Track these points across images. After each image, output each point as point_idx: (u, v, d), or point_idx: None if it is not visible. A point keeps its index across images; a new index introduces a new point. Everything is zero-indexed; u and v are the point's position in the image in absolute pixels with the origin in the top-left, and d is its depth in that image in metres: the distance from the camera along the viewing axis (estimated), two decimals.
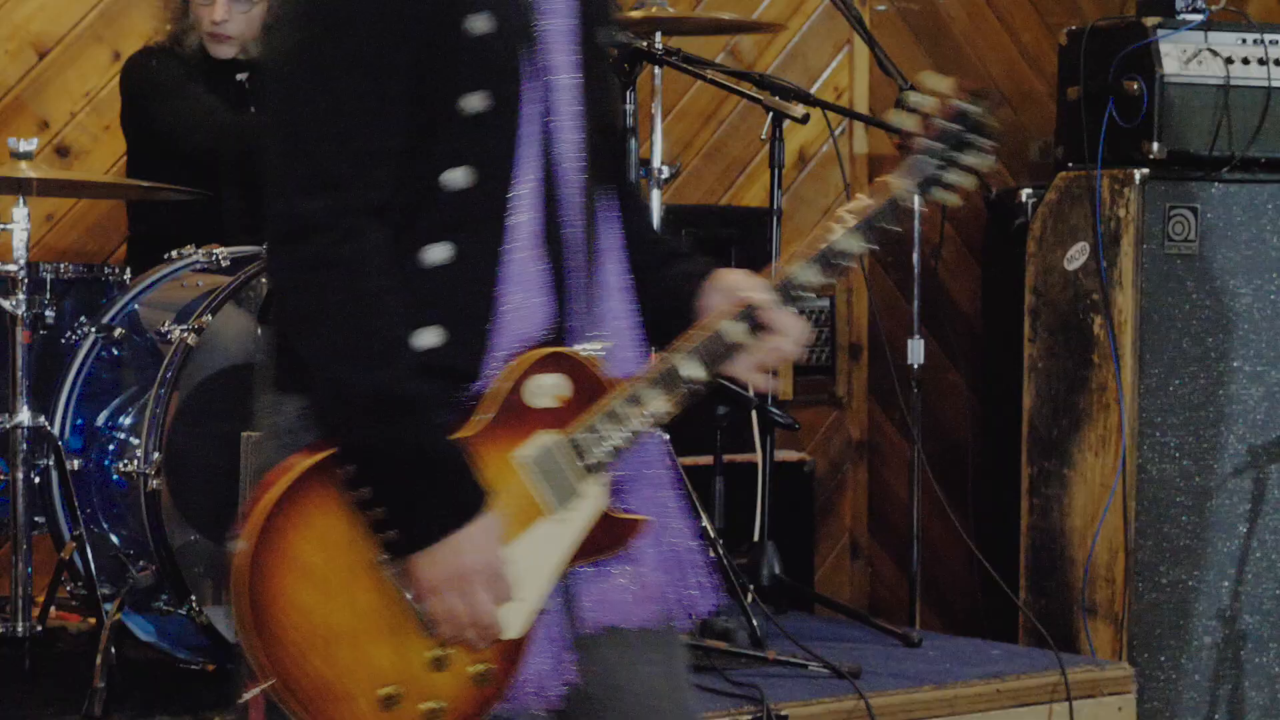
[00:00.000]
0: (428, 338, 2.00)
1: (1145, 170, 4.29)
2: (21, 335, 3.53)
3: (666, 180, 4.14)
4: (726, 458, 4.19)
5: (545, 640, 2.09)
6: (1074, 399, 4.37)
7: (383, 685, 2.02)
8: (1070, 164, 4.45)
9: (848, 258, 2.10)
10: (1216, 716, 4.31)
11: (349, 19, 1.97)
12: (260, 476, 2.02)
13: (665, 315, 2.14)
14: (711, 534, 3.96)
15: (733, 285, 2.11)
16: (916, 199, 2.11)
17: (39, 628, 3.52)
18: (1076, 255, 4.39)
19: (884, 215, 2.11)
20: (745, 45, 5.29)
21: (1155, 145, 4.29)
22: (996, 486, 4.88)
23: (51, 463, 3.53)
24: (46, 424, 3.53)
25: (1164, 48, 4.30)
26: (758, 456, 4.22)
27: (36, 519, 3.56)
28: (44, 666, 3.51)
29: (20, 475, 3.52)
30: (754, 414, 4.29)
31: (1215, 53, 4.33)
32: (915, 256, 4.37)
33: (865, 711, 3.47)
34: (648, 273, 2.18)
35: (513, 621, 2.06)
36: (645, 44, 3.85)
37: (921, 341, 4.33)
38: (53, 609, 3.59)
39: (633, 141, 3.76)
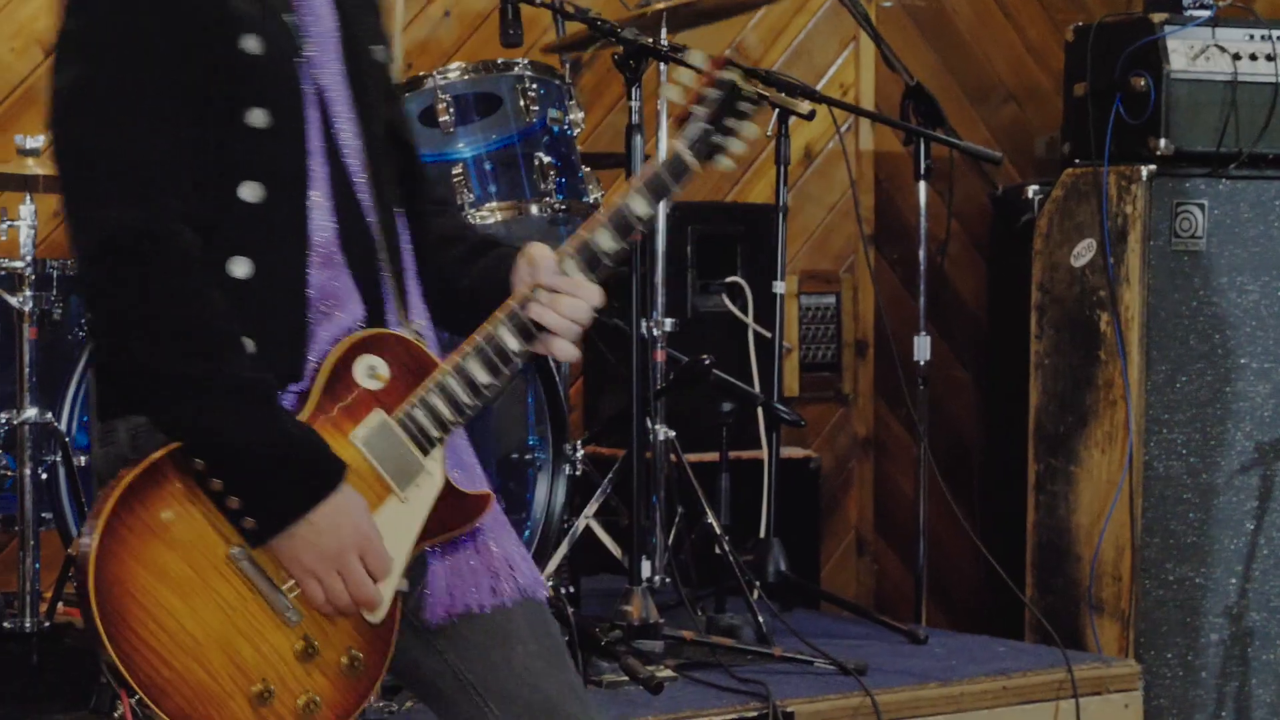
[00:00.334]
0: (245, 348, 2.05)
1: (1152, 167, 4.29)
2: (28, 331, 3.53)
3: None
4: (732, 454, 4.19)
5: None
6: (1080, 396, 4.37)
7: (253, 683, 2.02)
8: (1077, 160, 4.44)
9: (638, 220, 2.19)
10: (1223, 714, 4.31)
11: (130, 43, 2.03)
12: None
13: (486, 298, 2.19)
14: (718, 530, 3.97)
15: (538, 256, 2.19)
16: (691, 159, 2.22)
17: (46, 623, 3.52)
18: (1083, 252, 4.39)
19: (664, 176, 2.20)
20: (751, 41, 5.28)
21: (1162, 142, 4.28)
22: (1002, 483, 4.88)
23: (59, 459, 3.52)
24: (54, 420, 3.53)
25: (1171, 44, 4.29)
26: (763, 453, 4.22)
27: (44, 515, 3.56)
28: (51, 662, 3.51)
29: (28, 471, 3.52)
30: (760, 411, 4.29)
31: (1223, 49, 4.33)
32: (921, 253, 4.37)
33: (871, 708, 3.47)
34: (463, 265, 2.27)
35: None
36: (651, 40, 3.84)
37: (928, 338, 4.32)
38: (60, 604, 3.58)
39: (638, 138, 3.75)
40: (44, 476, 3.56)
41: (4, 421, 3.52)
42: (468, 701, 2.18)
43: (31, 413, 3.52)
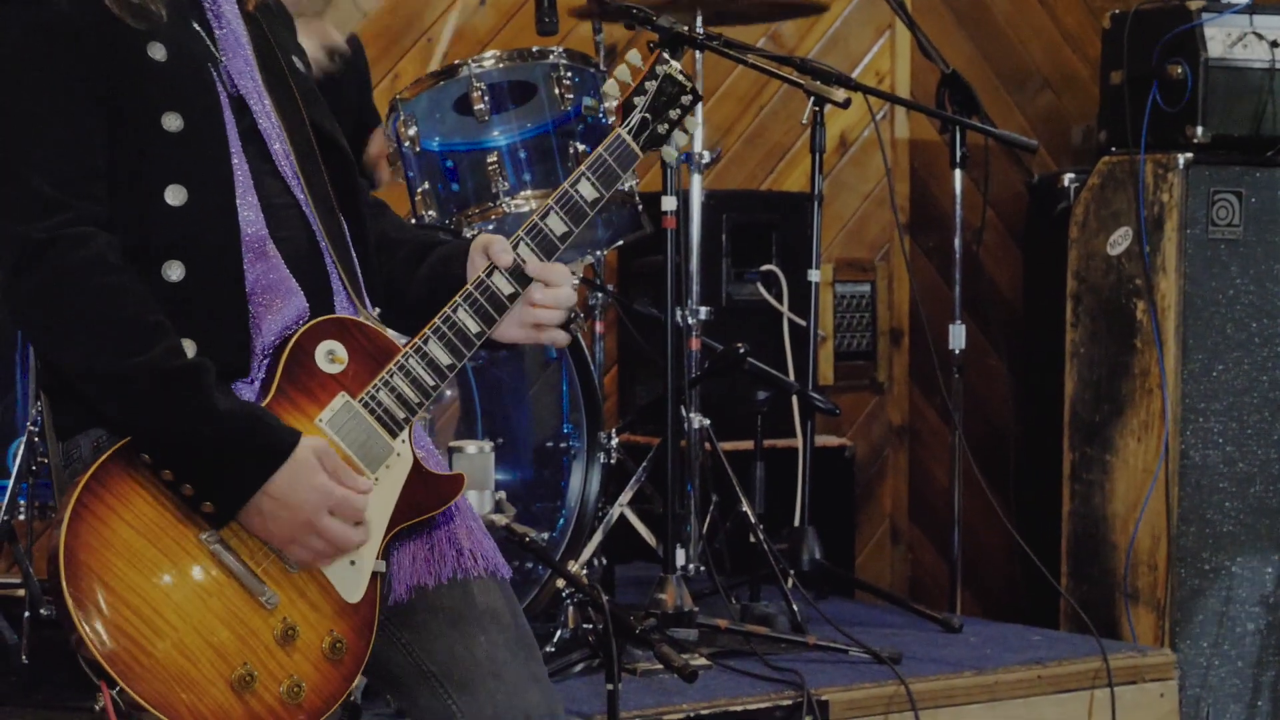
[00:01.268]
0: (185, 350, 2.08)
1: (1189, 154, 4.27)
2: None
3: (707, 165, 4.14)
4: (767, 443, 4.19)
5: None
6: (1116, 384, 4.35)
7: (234, 668, 2.02)
8: (1113, 148, 4.42)
9: (587, 205, 2.27)
10: (1260, 703, 4.29)
11: (33, 65, 2.07)
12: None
13: (439, 292, 2.24)
14: (752, 519, 3.97)
15: (490, 244, 2.25)
16: (633, 144, 2.32)
17: None
18: (1119, 240, 4.37)
19: (610, 163, 2.28)
20: (786, 30, 5.27)
21: (1199, 129, 4.26)
22: (1037, 472, 4.86)
23: None
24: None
25: (1209, 31, 4.26)
26: (798, 442, 4.22)
27: None
28: None
29: None
30: (795, 399, 4.29)
31: (1260, 36, 4.30)
32: (957, 241, 4.35)
33: (906, 697, 3.46)
34: (409, 268, 2.32)
35: (351, 588, 2.09)
36: (686, 29, 3.84)
37: (963, 327, 4.31)
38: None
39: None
40: None
41: (40, 409, 3.54)
42: (430, 693, 2.19)
43: None
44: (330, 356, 2.14)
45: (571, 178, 2.27)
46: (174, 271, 2.10)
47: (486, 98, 3.80)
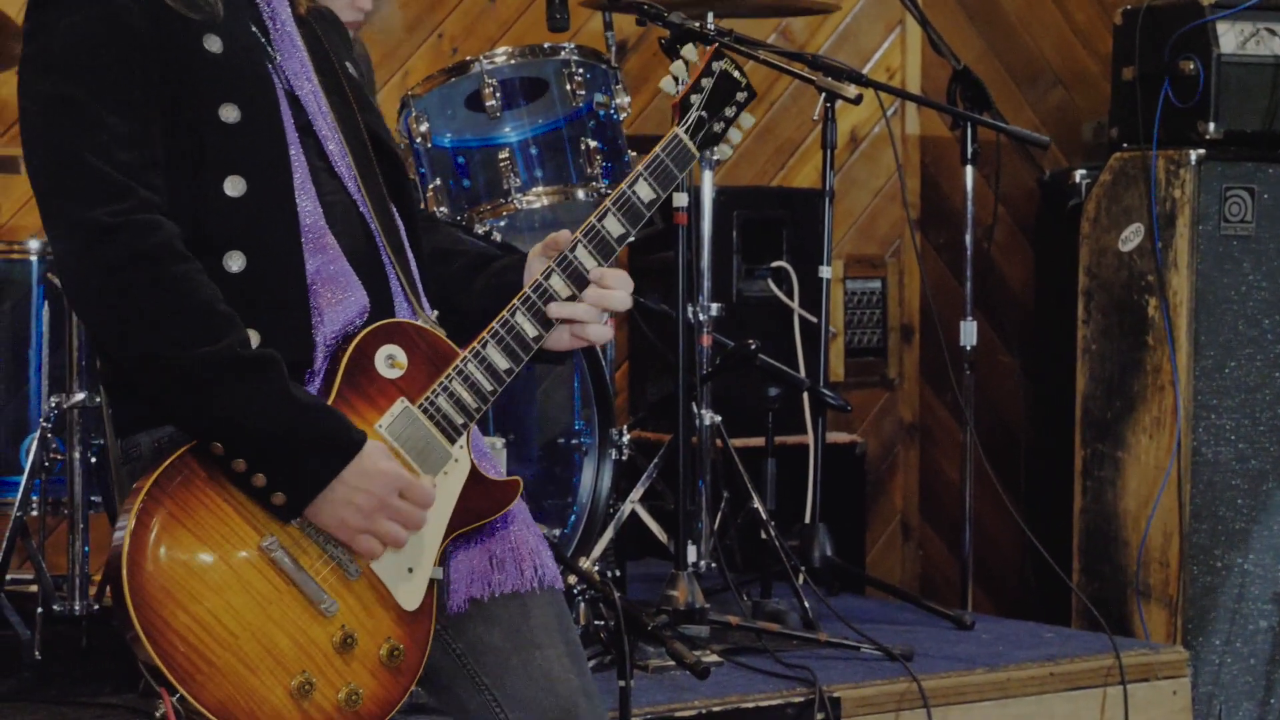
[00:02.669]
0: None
1: (1201, 151, 4.26)
2: (78, 316, 3.55)
3: (718, 162, 4.13)
4: (778, 439, 4.18)
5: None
6: (1128, 381, 4.34)
7: (293, 675, 2.01)
8: (1125, 145, 4.41)
9: (643, 204, 2.24)
10: (1272, 700, 4.28)
11: (92, 56, 2.07)
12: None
13: (497, 303, 2.22)
14: (763, 515, 3.97)
15: (557, 241, 2.23)
16: (690, 144, 2.29)
17: (96, 606, 3.55)
18: (1131, 237, 4.36)
19: (667, 163, 2.26)
20: (797, 26, 5.27)
21: (1211, 125, 4.25)
22: (1048, 469, 4.86)
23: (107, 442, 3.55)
24: (103, 403, 3.55)
25: (1221, 27, 4.26)
26: (809, 438, 4.21)
27: (93, 498, 3.59)
28: (100, 644, 3.54)
29: (77, 454, 3.54)
30: (805, 396, 4.28)
31: (1273, 31, 4.29)
32: (968, 238, 4.34)
33: (918, 694, 3.46)
34: (465, 279, 2.32)
35: (409, 596, 2.09)
36: (698, 24, 3.83)
37: (975, 323, 4.30)
38: (109, 587, 3.60)
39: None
40: (93, 460, 3.58)
41: (54, 405, 3.55)
42: (482, 705, 2.19)
43: (81, 396, 3.54)
44: (390, 361, 2.12)
45: (629, 178, 2.24)
46: (235, 262, 2.09)
47: (498, 94, 3.80)
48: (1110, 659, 3.71)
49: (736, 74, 2.32)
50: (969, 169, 4.31)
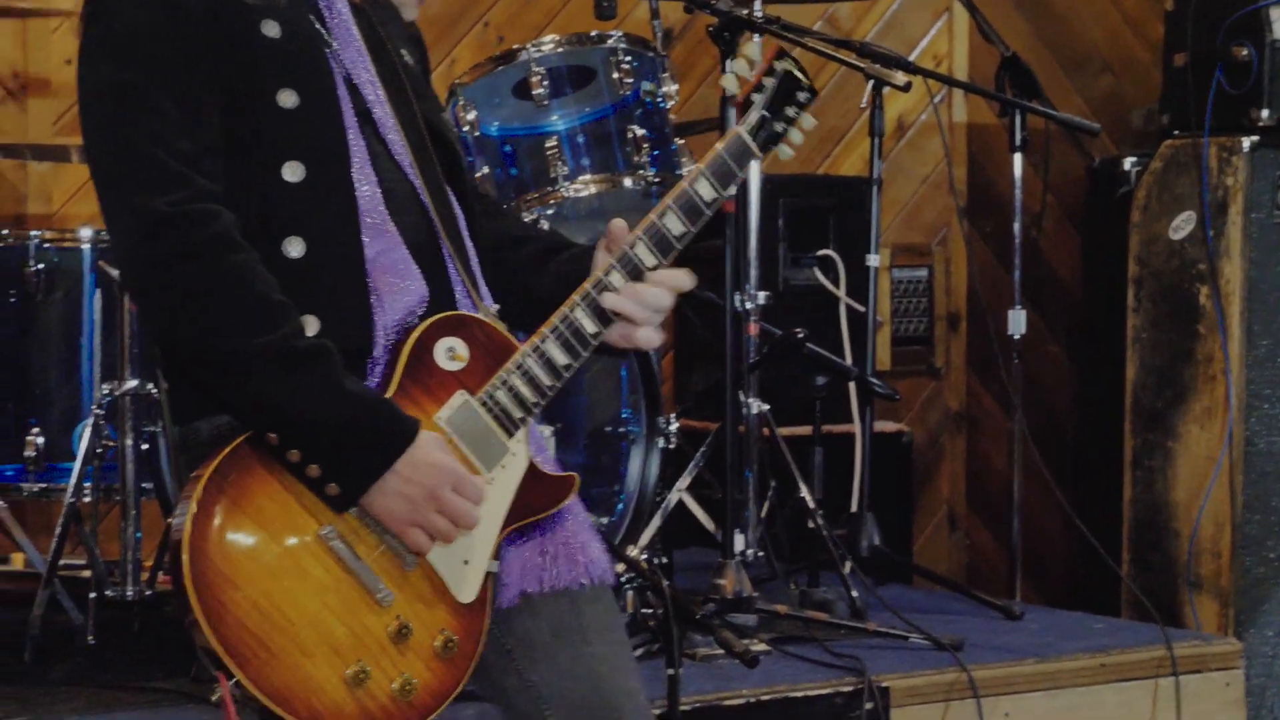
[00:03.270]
0: (307, 328, 2.06)
1: (1254, 138, 4.22)
2: (129, 303, 3.57)
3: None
4: (825, 428, 4.17)
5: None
6: (1179, 371, 4.31)
7: (348, 664, 2.01)
8: (1176, 132, 4.38)
9: (705, 204, 2.21)
10: None
11: (150, 42, 2.07)
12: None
13: (567, 290, 2.19)
14: (810, 504, 3.96)
15: (617, 232, 2.21)
16: (752, 143, 2.26)
17: (148, 591, 3.58)
18: (1182, 224, 4.33)
19: (729, 162, 2.24)
20: (843, 13, 5.25)
21: (1264, 112, 4.22)
22: (1097, 459, 4.84)
23: (159, 429, 3.56)
24: (154, 391, 3.57)
25: (1274, 12, 4.22)
26: (856, 427, 4.20)
27: (144, 485, 3.61)
28: (152, 629, 3.56)
29: (129, 441, 3.57)
30: (853, 384, 4.27)
31: None
32: (1016, 226, 4.32)
33: (967, 684, 3.45)
34: (535, 265, 2.30)
35: (465, 587, 2.08)
36: (745, 12, 3.82)
37: (1023, 312, 4.28)
38: (160, 573, 3.63)
39: (733, 111, 3.73)
40: (144, 447, 3.60)
41: (106, 392, 3.57)
42: (528, 700, 2.18)
43: (133, 384, 3.56)
44: (450, 354, 2.12)
45: (689, 176, 2.23)
46: (294, 248, 2.09)
47: (545, 82, 3.79)
48: (1161, 650, 3.69)
49: (799, 74, 2.31)
50: (1017, 157, 4.29)
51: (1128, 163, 4.87)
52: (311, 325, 2.07)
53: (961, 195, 5.31)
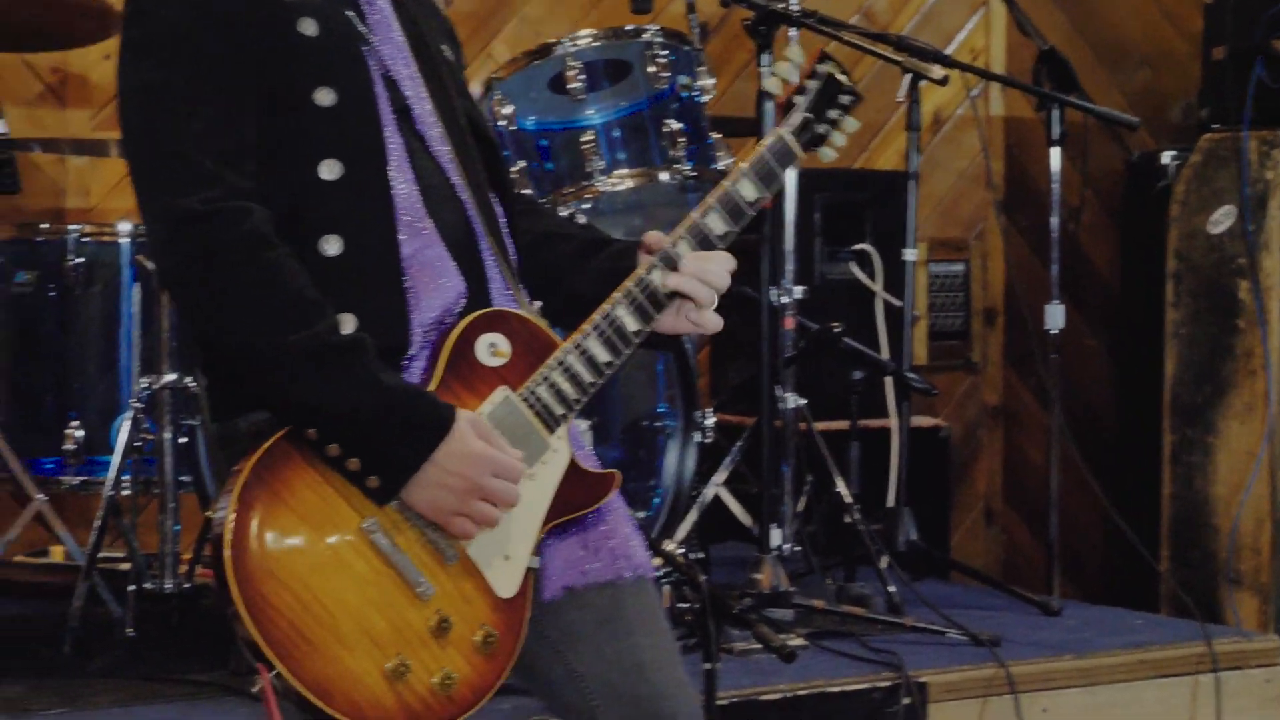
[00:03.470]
0: (344, 325, 2.06)
1: None
2: (168, 297, 3.58)
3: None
4: (862, 423, 4.16)
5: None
6: (1218, 365, 4.29)
7: (388, 657, 2.01)
8: (1215, 125, 4.36)
9: (747, 204, 2.23)
10: None
11: (188, 41, 2.07)
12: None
13: (610, 288, 2.20)
14: (847, 499, 3.95)
15: (656, 240, 2.22)
16: (794, 144, 2.29)
17: (186, 584, 3.59)
18: (1222, 219, 4.31)
19: (771, 162, 2.25)
20: (879, 7, 5.23)
21: None
22: (1134, 454, 4.81)
23: (198, 422, 3.58)
24: (192, 384, 3.58)
25: None
26: (892, 422, 4.19)
27: (183, 478, 3.62)
28: (190, 622, 3.58)
29: (167, 435, 3.58)
30: (889, 379, 4.26)
31: None
32: (1053, 220, 4.30)
33: (1005, 680, 3.43)
34: (576, 262, 2.30)
35: (505, 582, 2.08)
36: (782, 5, 3.82)
37: (1061, 306, 4.26)
38: (199, 566, 3.65)
39: (769, 104, 3.73)
40: (183, 440, 3.61)
41: (145, 386, 3.58)
42: (575, 693, 2.18)
43: (171, 377, 3.58)
44: (492, 349, 2.12)
45: (731, 176, 2.23)
46: (331, 246, 2.10)
47: (581, 76, 3.79)
48: (1201, 647, 3.67)
49: (842, 77, 2.33)
50: (1055, 151, 4.27)
51: (1166, 157, 4.85)
52: (348, 323, 2.07)
53: (999, 189, 5.29)
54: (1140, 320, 4.80)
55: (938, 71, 3.90)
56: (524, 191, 3.58)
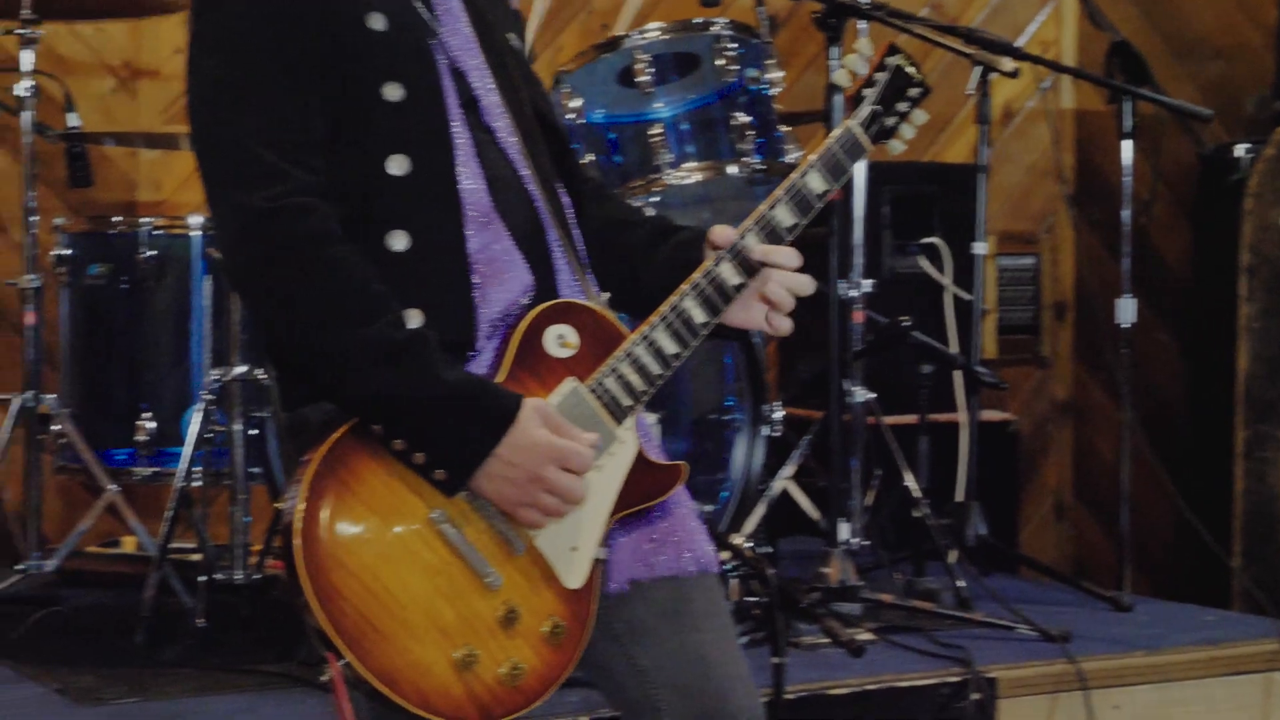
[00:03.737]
0: (410, 320, 2.06)
1: None
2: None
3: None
4: (930, 417, 4.14)
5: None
6: None
7: (456, 647, 2.01)
8: None
9: (816, 197, 2.22)
10: None
11: (256, 35, 2.08)
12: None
13: (678, 275, 2.19)
14: (916, 493, 3.93)
15: (723, 235, 2.20)
16: (863, 136, 2.28)
17: (256, 575, 3.61)
18: None
19: (840, 155, 2.25)
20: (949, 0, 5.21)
21: None
22: (1206, 449, 4.77)
23: (268, 414, 3.60)
24: (263, 376, 3.61)
25: None
26: (961, 416, 4.17)
27: (253, 469, 3.65)
28: (261, 612, 3.60)
29: (238, 426, 3.61)
30: (958, 373, 4.24)
31: None
32: (1125, 214, 4.27)
33: (1075, 676, 3.41)
34: (645, 250, 2.28)
35: (573, 573, 2.08)
36: None
37: (1133, 301, 4.22)
38: (269, 557, 3.67)
39: (838, 97, 3.71)
40: (253, 432, 3.64)
41: (215, 378, 3.61)
42: (638, 686, 2.17)
43: (242, 369, 3.60)
44: (560, 341, 2.13)
45: (800, 169, 2.23)
46: (398, 241, 2.10)
47: (650, 69, 3.79)
48: (1274, 644, 3.63)
49: (911, 70, 2.32)
50: (1126, 143, 4.23)
51: (1240, 149, 4.80)
52: (415, 318, 2.08)
53: (1069, 183, 5.26)
54: (1212, 314, 4.75)
55: (1008, 64, 3.87)
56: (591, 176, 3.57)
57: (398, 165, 2.11)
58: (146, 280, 3.80)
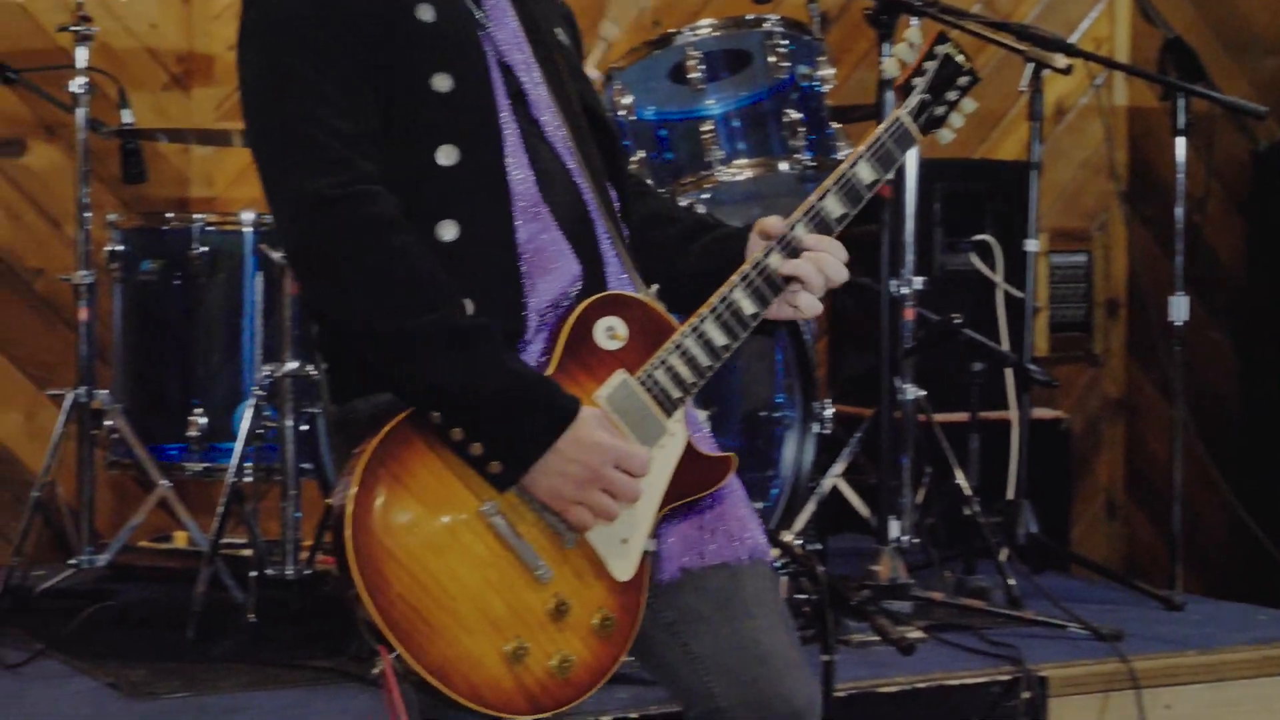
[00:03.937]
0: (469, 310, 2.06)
1: None
2: (290, 285, 3.62)
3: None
4: (982, 415, 4.12)
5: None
6: None
7: (507, 640, 2.01)
8: None
9: (865, 188, 2.22)
10: None
11: (307, 25, 2.08)
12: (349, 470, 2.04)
13: (714, 276, 2.19)
14: (967, 491, 3.92)
15: (769, 227, 2.20)
16: (912, 126, 2.27)
17: (307, 570, 3.63)
18: None
19: (890, 145, 2.24)
20: None
21: None
22: (1260, 447, 4.73)
23: (319, 410, 3.61)
24: (314, 372, 3.62)
25: None
26: (1012, 414, 4.14)
27: (304, 465, 3.66)
28: (311, 608, 3.61)
29: (289, 422, 3.62)
30: (1009, 371, 4.22)
31: None
32: (1179, 211, 4.23)
33: (1128, 675, 3.39)
34: (682, 243, 2.29)
35: (623, 566, 2.08)
36: None
37: (1186, 298, 4.19)
38: (319, 553, 3.68)
39: (890, 94, 3.70)
40: (304, 428, 3.65)
41: (267, 374, 3.63)
42: (692, 674, 2.17)
43: (293, 365, 3.61)
44: (610, 333, 2.13)
45: (850, 159, 2.23)
46: (448, 231, 2.11)
47: (701, 66, 3.79)
48: None
49: (960, 58, 2.31)
50: (1180, 140, 4.20)
51: None
52: (469, 308, 2.08)
53: (1122, 179, 5.22)
54: (1266, 312, 4.72)
55: (1061, 60, 3.85)
56: (634, 172, 3.58)
57: (447, 155, 2.12)
58: (199, 276, 3.82)
